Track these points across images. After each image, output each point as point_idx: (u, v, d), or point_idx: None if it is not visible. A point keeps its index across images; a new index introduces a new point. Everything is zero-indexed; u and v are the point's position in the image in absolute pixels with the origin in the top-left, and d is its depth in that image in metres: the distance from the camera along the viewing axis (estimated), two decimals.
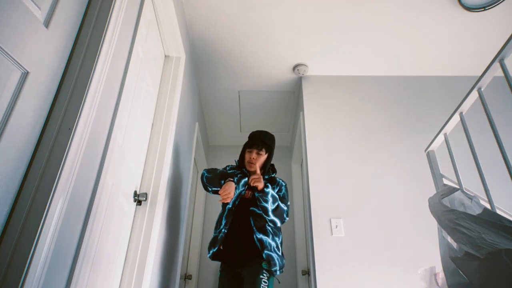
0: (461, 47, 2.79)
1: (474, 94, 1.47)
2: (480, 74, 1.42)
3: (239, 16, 2.52)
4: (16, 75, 0.83)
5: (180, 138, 2.38)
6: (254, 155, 1.92)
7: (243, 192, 1.89)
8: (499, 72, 1.30)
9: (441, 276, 1.62)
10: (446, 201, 1.51)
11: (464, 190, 1.57)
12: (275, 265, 1.76)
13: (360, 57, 2.91)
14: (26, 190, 0.83)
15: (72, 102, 0.97)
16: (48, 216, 0.82)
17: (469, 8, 2.39)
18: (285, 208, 1.88)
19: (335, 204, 2.45)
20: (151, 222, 1.70)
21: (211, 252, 1.90)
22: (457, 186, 1.61)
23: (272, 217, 1.81)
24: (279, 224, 1.85)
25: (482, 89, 1.41)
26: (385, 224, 2.37)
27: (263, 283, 1.70)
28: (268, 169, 2.00)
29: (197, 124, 3.16)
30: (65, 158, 0.89)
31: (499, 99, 2.62)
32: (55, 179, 0.86)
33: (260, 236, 1.79)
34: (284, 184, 2.01)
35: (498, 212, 1.35)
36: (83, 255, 1.00)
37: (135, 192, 1.70)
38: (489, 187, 1.37)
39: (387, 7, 2.45)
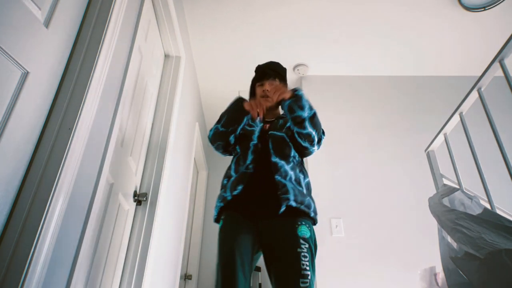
0: (461, 47, 2.79)
1: (474, 94, 1.47)
2: (480, 74, 1.42)
3: (239, 16, 2.52)
4: (16, 75, 0.83)
5: (180, 138, 2.38)
6: (267, 86, 1.52)
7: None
8: (499, 72, 1.30)
9: (441, 276, 1.62)
10: (446, 201, 1.51)
11: (464, 190, 1.57)
12: (301, 202, 1.25)
13: (360, 57, 2.91)
14: (26, 190, 0.83)
15: (72, 102, 0.97)
16: (48, 216, 0.82)
17: (469, 8, 2.39)
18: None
19: (335, 204, 2.45)
20: (151, 222, 1.70)
21: (238, 189, 1.29)
22: (457, 186, 1.61)
23: (309, 129, 1.34)
24: (316, 139, 1.39)
25: (482, 89, 1.41)
26: (385, 224, 2.37)
27: (303, 260, 1.15)
28: None
29: (197, 124, 3.16)
30: (65, 158, 0.89)
31: (499, 99, 2.62)
32: (55, 179, 0.86)
33: (276, 159, 1.33)
34: None
35: (498, 212, 1.35)
36: (83, 255, 1.00)
37: (135, 192, 1.70)
38: (489, 187, 1.37)
39: (387, 7, 2.45)
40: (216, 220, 1.38)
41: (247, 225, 1.26)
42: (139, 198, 1.71)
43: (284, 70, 1.68)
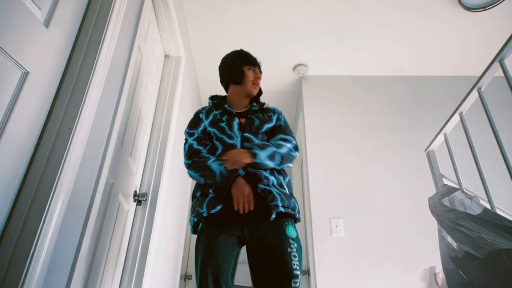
0: (461, 47, 2.79)
1: (474, 94, 1.47)
2: (480, 74, 1.42)
3: (240, 16, 2.52)
4: (16, 75, 0.83)
5: (180, 138, 2.38)
6: (259, 75, 1.53)
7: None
8: (499, 72, 1.29)
9: (441, 276, 1.62)
10: (446, 201, 1.51)
11: (464, 190, 1.57)
12: (288, 206, 1.26)
13: (360, 57, 2.91)
14: (26, 190, 0.83)
15: (72, 102, 0.97)
16: (48, 216, 0.82)
17: (469, 8, 2.39)
18: (290, 145, 1.39)
19: (335, 204, 2.45)
20: (151, 222, 1.70)
21: (217, 208, 1.24)
22: (457, 186, 1.61)
23: (284, 165, 1.37)
24: (292, 164, 1.40)
25: (482, 89, 1.41)
26: (385, 224, 2.37)
27: (293, 260, 1.16)
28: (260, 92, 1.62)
29: None
30: (65, 158, 0.89)
31: (499, 99, 2.62)
32: (55, 179, 0.86)
33: (253, 169, 1.29)
34: (280, 112, 1.60)
35: (498, 212, 1.35)
36: (83, 255, 1.00)
37: (135, 192, 1.70)
38: (489, 187, 1.37)
39: (387, 8, 2.45)
40: (194, 232, 1.33)
41: (229, 230, 1.24)
42: (139, 198, 1.71)
43: None
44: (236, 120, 1.42)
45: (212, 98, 1.56)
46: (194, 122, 1.47)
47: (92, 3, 1.16)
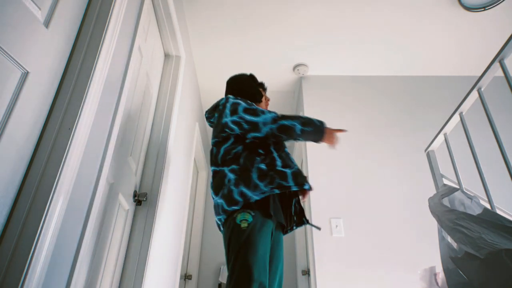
0: (461, 47, 2.79)
1: (474, 94, 1.47)
2: (480, 74, 1.42)
3: (239, 16, 2.52)
4: (16, 75, 0.83)
5: (180, 138, 2.38)
6: (267, 98, 1.76)
7: None
8: (499, 72, 1.30)
9: (441, 276, 1.62)
10: (446, 201, 1.51)
11: (464, 190, 1.57)
12: None
13: (360, 57, 2.91)
14: (26, 190, 0.83)
15: (72, 102, 0.97)
16: (48, 216, 0.82)
17: (469, 8, 2.39)
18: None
19: (335, 204, 2.45)
20: (151, 222, 1.70)
21: (306, 185, 1.33)
22: (457, 186, 1.61)
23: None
24: None
25: (482, 89, 1.41)
26: (385, 224, 2.37)
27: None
28: None
29: (197, 124, 3.16)
30: (65, 158, 0.89)
31: (499, 99, 2.62)
32: (55, 179, 0.86)
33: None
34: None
35: (498, 212, 1.35)
36: (83, 255, 1.00)
37: (135, 192, 1.70)
38: (489, 187, 1.37)
39: (387, 8, 2.45)
40: (249, 206, 1.26)
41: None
42: (139, 198, 1.71)
43: None
44: None
45: None
46: (248, 102, 1.51)
47: (92, 3, 1.16)
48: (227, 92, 1.73)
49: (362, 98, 2.98)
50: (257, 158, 1.37)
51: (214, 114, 1.59)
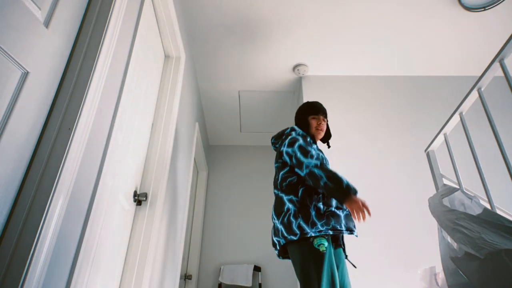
0: (461, 47, 2.79)
1: (474, 94, 1.47)
2: (480, 74, 1.42)
3: (239, 16, 2.52)
4: (16, 75, 0.83)
5: (180, 138, 2.38)
6: (322, 121, 1.82)
7: None
8: (499, 72, 1.30)
9: (441, 276, 1.62)
10: (446, 201, 1.51)
11: (464, 190, 1.57)
12: None
13: (360, 57, 2.91)
14: (26, 190, 0.83)
15: (72, 102, 0.97)
16: (48, 216, 0.82)
17: (469, 8, 2.39)
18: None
19: None
20: (151, 222, 1.70)
21: (353, 230, 1.56)
22: (457, 186, 1.61)
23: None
24: None
25: (482, 89, 1.41)
26: (385, 224, 2.37)
27: None
28: (328, 136, 2.01)
29: (197, 124, 3.16)
30: (65, 158, 0.89)
31: (499, 99, 2.62)
32: (55, 179, 0.86)
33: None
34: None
35: (498, 212, 1.35)
36: (83, 255, 1.00)
37: (135, 192, 1.70)
38: (489, 187, 1.37)
39: (387, 8, 2.45)
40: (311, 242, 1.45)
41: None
42: (139, 198, 1.71)
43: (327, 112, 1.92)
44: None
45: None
46: (307, 142, 1.66)
47: (92, 3, 1.16)
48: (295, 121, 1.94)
49: (362, 98, 2.97)
50: (315, 195, 1.52)
51: (279, 141, 1.81)
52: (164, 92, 2.10)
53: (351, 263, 1.66)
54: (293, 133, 1.72)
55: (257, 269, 3.40)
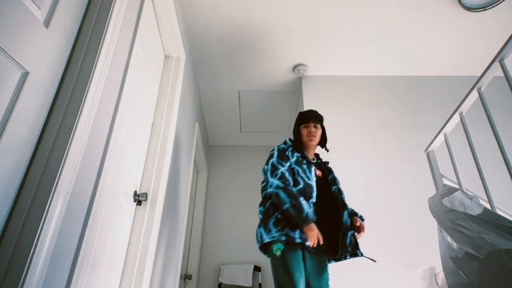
0: (461, 47, 2.79)
1: (474, 94, 1.47)
2: (480, 74, 1.42)
3: (239, 16, 2.52)
4: (16, 75, 0.83)
5: (180, 138, 2.38)
6: (312, 128, 1.90)
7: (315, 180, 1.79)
8: (499, 72, 1.30)
9: (441, 276, 1.62)
10: (446, 201, 1.51)
11: (464, 190, 1.57)
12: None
13: (360, 57, 2.91)
14: (26, 190, 0.83)
15: (72, 102, 0.97)
16: (48, 216, 0.82)
17: (469, 8, 2.39)
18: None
19: None
20: (151, 222, 1.70)
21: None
22: (457, 186, 1.61)
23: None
24: None
25: (482, 89, 1.41)
26: (385, 224, 2.37)
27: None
28: (324, 141, 2.04)
29: (197, 124, 3.16)
30: (65, 158, 0.89)
31: (499, 99, 2.62)
32: (55, 179, 0.86)
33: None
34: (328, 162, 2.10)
35: (498, 212, 1.35)
36: (83, 255, 1.00)
37: (135, 192, 1.70)
38: (489, 187, 1.37)
39: (387, 8, 2.45)
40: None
41: None
42: (139, 198, 1.71)
43: (321, 116, 1.96)
44: (313, 168, 1.79)
45: (292, 142, 1.90)
46: (283, 156, 1.76)
47: (92, 3, 1.16)
48: None
49: (362, 98, 2.97)
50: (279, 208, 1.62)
51: None
52: (164, 92, 2.10)
53: (370, 258, 1.72)
54: (276, 147, 1.82)
55: (257, 269, 3.40)
